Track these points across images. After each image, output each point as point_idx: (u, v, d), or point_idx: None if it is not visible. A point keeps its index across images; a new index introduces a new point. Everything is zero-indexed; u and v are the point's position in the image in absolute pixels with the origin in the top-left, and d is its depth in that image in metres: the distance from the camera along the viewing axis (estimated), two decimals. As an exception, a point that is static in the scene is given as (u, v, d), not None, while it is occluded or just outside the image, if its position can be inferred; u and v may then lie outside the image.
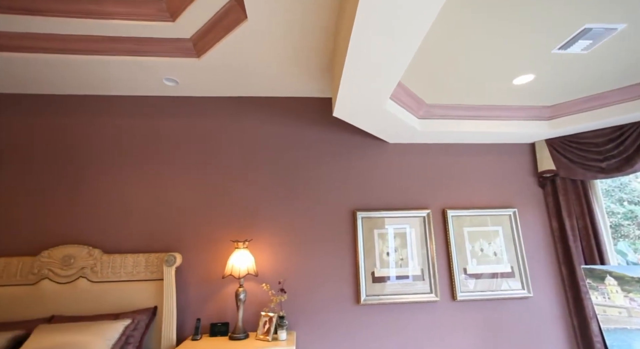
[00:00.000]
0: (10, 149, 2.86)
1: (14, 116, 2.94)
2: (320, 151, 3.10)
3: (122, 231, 2.75)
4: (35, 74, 2.70)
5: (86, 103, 3.03)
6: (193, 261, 2.74)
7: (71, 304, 2.45)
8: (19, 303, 2.44)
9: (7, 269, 2.49)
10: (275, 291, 2.68)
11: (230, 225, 2.85)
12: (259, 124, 3.11)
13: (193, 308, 2.64)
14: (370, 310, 2.77)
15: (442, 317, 2.80)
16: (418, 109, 2.81)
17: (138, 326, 2.32)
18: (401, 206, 3.02)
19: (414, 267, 2.87)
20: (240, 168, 2.99)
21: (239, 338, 2.36)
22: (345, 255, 2.86)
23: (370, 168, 3.10)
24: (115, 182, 2.86)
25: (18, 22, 2.23)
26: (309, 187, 3.00)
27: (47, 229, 2.71)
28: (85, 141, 2.94)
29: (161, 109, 3.07)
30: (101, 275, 2.53)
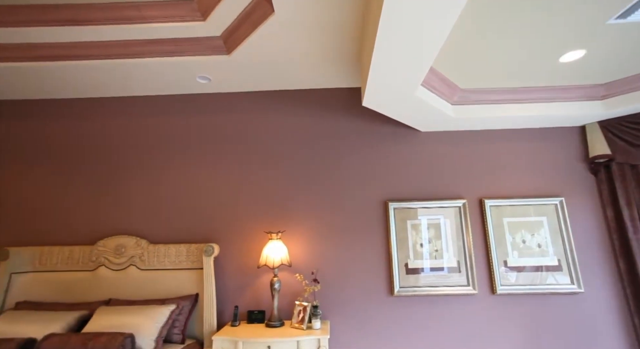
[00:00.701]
0: (67, 149, 3.15)
1: (67, 119, 3.23)
2: (350, 141, 3.07)
3: (165, 223, 2.94)
4: (83, 79, 2.93)
5: (130, 104, 3.24)
6: (230, 252, 2.87)
7: (124, 289, 2.68)
8: (81, 286, 2.71)
9: (71, 257, 2.78)
10: (309, 281, 2.73)
11: (264, 217, 2.93)
12: (289, 117, 3.15)
13: (231, 295, 2.78)
14: (404, 302, 2.73)
15: (481, 310, 2.69)
16: (451, 95, 2.68)
17: (182, 311, 2.49)
18: (435, 196, 2.92)
19: (449, 259, 2.78)
20: (272, 161, 3.05)
21: (275, 326, 2.44)
22: (377, 246, 2.84)
23: (402, 158, 3.02)
24: (158, 178, 3.05)
25: (68, 32, 2.43)
26: (340, 179, 2.99)
27: (101, 221, 2.97)
28: (131, 140, 3.16)
29: (196, 106, 3.21)
30: (148, 263, 2.73)
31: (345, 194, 2.96)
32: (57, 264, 2.76)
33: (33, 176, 3.10)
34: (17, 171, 3.12)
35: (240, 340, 2.23)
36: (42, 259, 2.77)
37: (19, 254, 2.77)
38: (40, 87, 3.05)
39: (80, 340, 2.03)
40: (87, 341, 2.02)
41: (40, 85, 3.03)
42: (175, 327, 2.43)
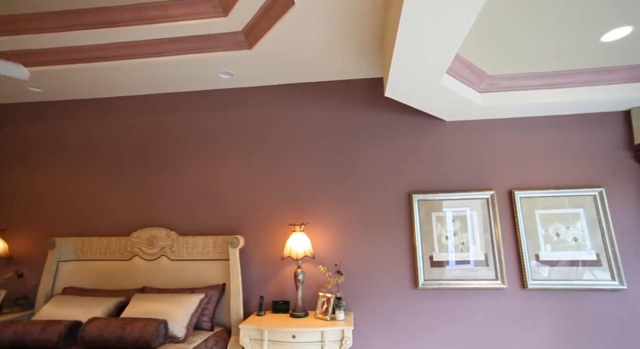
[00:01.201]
0: (104, 148, 3.33)
1: (104, 117, 3.41)
2: (373, 133, 3.03)
3: (193, 215, 3.06)
4: (115, 79, 3.07)
5: (158, 101, 3.37)
6: (255, 243, 2.94)
7: (156, 278, 2.83)
8: (118, 275, 2.89)
9: (109, 247, 2.96)
10: (332, 273, 2.75)
11: (287, 209, 2.97)
12: (311, 110, 3.15)
13: (256, 286, 2.86)
14: (429, 295, 2.69)
15: (510, 305, 2.60)
16: (479, 83, 2.56)
17: (210, 300, 2.60)
18: (460, 188, 2.83)
19: (476, 252, 2.69)
20: (295, 154, 3.07)
21: (299, 316, 2.49)
22: (401, 238, 2.80)
23: (426, 148, 2.94)
24: (186, 173, 3.16)
25: (100, 35, 2.54)
26: (363, 171, 2.97)
27: (135, 213, 3.13)
28: (160, 137, 3.29)
29: (220, 101, 3.28)
30: (178, 254, 2.86)
31: (368, 186, 2.93)
32: (96, 253, 2.96)
33: (76, 174, 3.32)
34: (62, 169, 3.34)
35: (266, 329, 2.29)
36: (83, 248, 2.98)
37: (64, 244, 2.99)
38: (79, 88, 3.23)
39: (119, 324, 2.17)
40: (125, 325, 2.16)
41: (79, 87, 3.20)
42: (205, 315, 2.54)
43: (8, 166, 3.42)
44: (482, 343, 2.57)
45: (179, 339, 2.25)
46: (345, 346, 2.25)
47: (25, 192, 3.33)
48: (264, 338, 2.29)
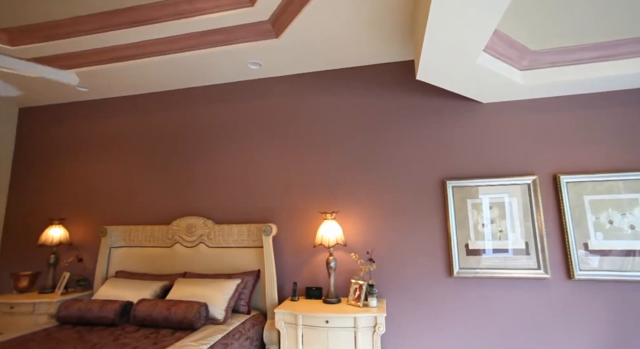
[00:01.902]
0: (146, 143, 3.53)
1: (145, 113, 3.59)
2: (404, 118, 2.94)
3: (228, 204, 3.18)
4: (150, 75, 3.20)
5: (191, 95, 3.49)
6: (287, 231, 3.00)
7: (196, 263, 3.00)
8: (162, 260, 3.09)
9: (152, 235, 3.17)
10: (364, 260, 2.76)
11: (318, 197, 2.99)
12: (341, 97, 3.11)
13: (289, 272, 2.94)
14: (465, 283, 2.62)
15: (554, 296, 2.47)
16: (520, 59, 2.38)
17: (246, 285, 2.71)
18: (498, 174, 2.68)
19: (515, 240, 2.56)
20: (325, 142, 3.07)
21: (332, 302, 2.54)
22: (435, 226, 2.73)
23: (461, 133, 2.81)
24: (221, 163, 3.28)
25: (135, 34, 2.65)
26: (394, 158, 2.90)
27: (175, 203, 3.31)
28: (195, 130, 3.42)
29: (250, 92, 3.33)
30: (215, 241, 3.00)
31: (400, 173, 2.87)
32: (142, 240, 3.18)
33: (122, 167, 3.55)
34: (110, 163, 3.60)
35: (300, 314, 2.36)
36: (131, 236, 3.21)
37: (114, 232, 3.24)
38: (119, 85, 3.42)
39: (165, 306, 2.34)
40: (170, 306, 2.32)
41: (119, 84, 3.39)
42: (242, 299, 2.66)
43: (64, 162, 3.74)
44: (523, 333, 2.47)
45: (219, 321, 2.39)
46: (378, 332, 2.27)
47: (79, 185, 3.63)
48: (298, 322, 2.36)
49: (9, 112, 3.91)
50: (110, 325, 2.38)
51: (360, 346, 2.26)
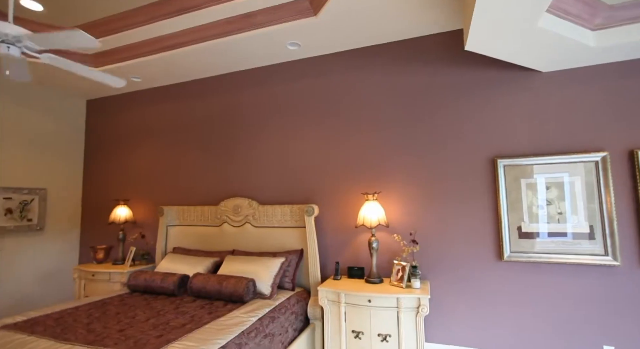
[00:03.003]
0: (195, 127, 3.73)
1: (192, 99, 3.78)
2: (451, 93, 2.75)
3: (272, 185, 3.28)
4: (194, 63, 3.33)
5: (234, 79, 3.58)
6: (329, 212, 3.04)
7: (243, 242, 3.17)
8: (212, 238, 3.32)
9: (203, 214, 3.40)
10: (407, 241, 2.71)
11: (360, 178, 2.97)
12: (382, 74, 2.99)
13: (332, 252, 2.99)
14: (516, 268, 2.47)
15: (624, 285, 2.23)
16: (592, 17, 2.07)
17: (290, 263, 2.82)
18: (558, 150, 2.43)
19: (577, 223, 2.34)
20: (367, 121, 3.00)
21: (374, 282, 2.55)
22: (483, 207, 2.59)
23: (515, 106, 2.57)
24: (264, 146, 3.37)
25: (178, 22, 2.74)
26: (440, 135, 2.76)
27: (222, 185, 3.50)
28: (239, 114, 3.53)
29: (290, 73, 3.33)
30: (259, 221, 3.13)
31: (446, 152, 2.73)
32: (194, 220, 3.43)
33: (175, 152, 3.81)
34: (164, 148, 3.88)
35: (342, 292, 2.41)
36: (184, 215, 3.48)
37: (170, 212, 3.53)
38: (168, 74, 3.61)
39: (217, 280, 2.52)
40: (221, 281, 2.50)
41: (168, 73, 3.58)
42: (286, 276, 2.78)
43: (126, 148, 4.10)
44: (584, 324, 2.30)
45: (266, 296, 2.53)
46: (421, 313, 2.25)
47: (139, 169, 3.98)
48: (341, 300, 2.42)
49: (78, 104, 4.34)
50: (171, 295, 2.63)
51: (403, 326, 2.27)
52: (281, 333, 2.25)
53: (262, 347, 1.99)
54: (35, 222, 3.77)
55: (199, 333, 1.82)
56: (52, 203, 3.97)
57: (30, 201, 3.74)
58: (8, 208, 3.55)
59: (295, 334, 2.49)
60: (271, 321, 2.19)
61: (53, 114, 4.03)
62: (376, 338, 2.32)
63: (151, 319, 2.07)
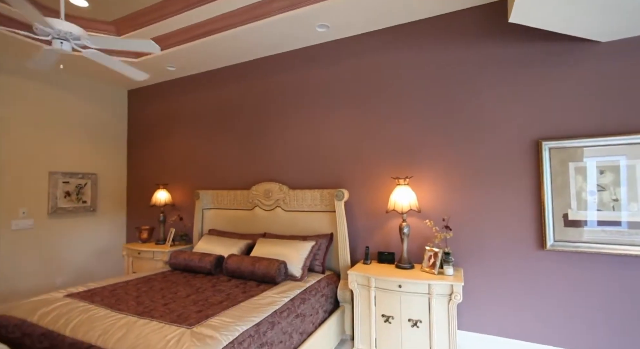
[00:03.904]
0: (230, 115, 3.82)
1: (224, 86, 3.86)
2: (491, 71, 2.56)
3: (301, 170, 3.31)
4: (224, 50, 3.36)
5: (263, 65, 3.58)
6: (359, 196, 3.01)
7: (274, 225, 3.25)
8: (244, 221, 3.44)
9: (235, 198, 3.52)
10: (440, 227, 2.63)
11: (391, 162, 2.90)
12: (415, 53, 2.84)
13: (362, 236, 2.98)
14: (560, 258, 2.32)
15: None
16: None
17: (320, 247, 2.86)
18: (614, 130, 2.19)
19: (637, 211, 2.12)
20: (397, 103, 2.90)
21: (405, 268, 2.52)
22: (524, 193, 2.43)
23: (566, 82, 2.34)
24: (294, 131, 3.38)
25: (208, 9, 2.76)
26: (478, 117, 2.60)
27: (254, 170, 3.58)
28: (268, 99, 3.55)
29: (319, 57, 3.27)
30: (290, 206, 3.19)
31: (483, 134, 2.57)
32: (227, 203, 3.56)
33: (209, 137, 3.95)
34: (199, 134, 4.03)
35: (372, 277, 2.41)
36: (218, 199, 3.62)
37: (205, 195, 3.69)
38: (199, 62, 3.69)
39: (250, 261, 2.63)
40: (254, 262, 2.60)
41: (199, 61, 3.66)
42: (316, 259, 2.83)
43: (164, 134, 4.31)
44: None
45: (297, 278, 2.60)
46: (454, 300, 2.20)
47: (176, 155, 4.18)
48: (371, 284, 2.42)
49: (121, 94, 4.59)
50: (208, 274, 2.79)
51: (434, 313, 2.23)
52: (312, 314, 2.31)
53: (294, 326, 2.06)
54: (89, 204, 4.12)
55: (235, 310, 1.92)
56: (102, 187, 4.30)
57: (84, 184, 4.08)
58: (67, 191, 3.91)
59: (326, 315, 2.55)
60: (302, 302, 2.25)
61: (99, 104, 4.30)
62: (406, 323, 2.31)
63: (191, 295, 2.21)
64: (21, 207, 3.53)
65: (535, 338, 2.37)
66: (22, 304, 2.04)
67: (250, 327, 1.75)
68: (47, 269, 3.72)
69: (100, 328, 1.68)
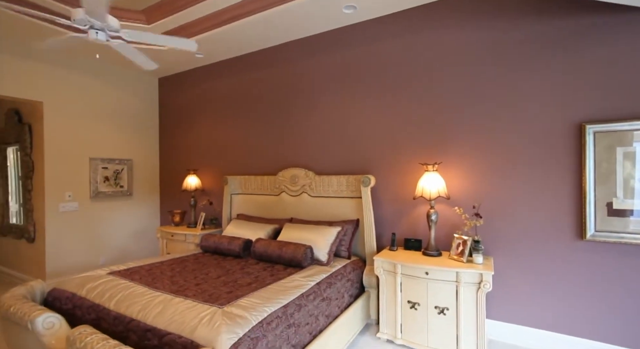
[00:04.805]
0: (253, 99, 3.85)
1: (249, 72, 3.88)
2: (529, 48, 2.39)
3: (326, 156, 3.30)
4: (250, 35, 3.35)
5: (288, 49, 3.55)
6: (385, 182, 2.97)
7: (300, 210, 3.29)
8: (271, 206, 3.51)
9: (262, 184, 3.58)
10: (469, 215, 2.55)
11: (419, 148, 2.82)
12: (446, 32, 2.70)
13: (388, 223, 2.96)
14: (602, 249, 2.19)
15: None
16: None
17: (346, 232, 2.87)
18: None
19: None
20: (428, 87, 2.79)
21: (432, 255, 2.48)
22: (563, 180, 2.29)
23: (614, 59, 2.13)
24: (319, 117, 3.36)
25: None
26: (512, 99, 2.45)
27: (280, 155, 3.62)
28: (293, 84, 3.53)
29: (346, 40, 3.19)
30: (316, 191, 3.20)
31: (519, 117, 2.43)
32: (255, 189, 3.64)
33: (235, 124, 4.01)
34: (225, 121, 4.10)
35: (399, 263, 2.40)
36: (246, 184, 3.70)
37: (233, 181, 3.79)
38: (226, 48, 3.72)
39: (277, 245, 2.69)
40: (281, 246, 2.66)
41: (225, 47, 3.69)
42: (342, 245, 2.85)
43: (193, 121, 4.43)
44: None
45: (323, 263, 2.63)
46: (483, 289, 2.15)
47: (205, 141, 4.29)
48: (397, 271, 2.41)
49: (152, 82, 4.74)
50: (237, 257, 2.89)
51: (462, 301, 2.20)
52: (337, 298, 2.35)
53: (320, 309, 2.10)
54: (125, 188, 4.36)
55: (263, 291, 1.99)
56: (137, 172, 4.53)
57: (121, 170, 4.31)
58: (106, 176, 4.15)
59: (351, 300, 2.58)
60: (328, 286, 2.29)
61: (132, 92, 4.47)
62: (433, 310, 2.29)
63: (221, 276, 2.31)
64: (67, 191, 3.79)
65: (568, 330, 2.28)
66: (72, 279, 2.23)
67: (278, 308, 1.81)
68: (91, 248, 4.02)
69: (139, 304, 1.80)
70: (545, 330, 2.36)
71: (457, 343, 2.21)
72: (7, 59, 3.32)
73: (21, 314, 1.73)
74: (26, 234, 3.84)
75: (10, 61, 3.35)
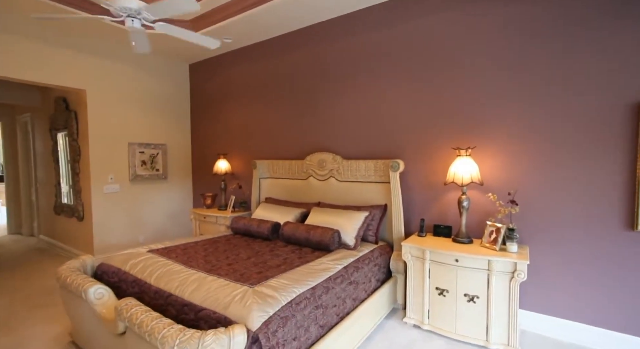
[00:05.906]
0: (282, 84, 3.85)
1: (277, 56, 3.85)
2: (580, 22, 2.17)
3: (355, 140, 3.25)
4: (276, 18, 3.30)
5: (314, 33, 3.48)
6: (415, 167, 2.90)
7: (328, 195, 3.31)
8: (299, 191, 3.55)
9: (290, 168, 3.62)
10: (504, 202, 2.43)
11: (451, 132, 2.71)
12: (486, 8, 2.51)
13: (417, 208, 2.90)
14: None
15: None
16: None
17: (374, 218, 2.85)
18: None
19: None
20: (460, 67, 2.63)
21: (463, 242, 2.41)
22: (613, 166, 2.11)
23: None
24: (348, 100, 3.30)
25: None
26: (556, 78, 2.26)
27: (308, 140, 3.62)
28: (322, 68, 3.47)
29: (374, 20, 3.07)
30: (343, 176, 3.19)
31: (563, 97, 2.25)
32: (282, 173, 3.68)
33: (264, 108, 4.05)
34: (255, 105, 4.15)
35: (427, 249, 2.36)
36: (274, 169, 3.76)
37: (262, 165, 3.85)
38: (254, 32, 3.70)
39: (305, 229, 2.73)
40: (309, 230, 2.69)
41: (253, 31, 3.67)
42: (370, 230, 2.84)
43: (223, 106, 4.52)
44: None
45: (350, 247, 2.65)
46: (517, 279, 2.07)
47: (235, 125, 4.38)
48: (425, 257, 2.38)
49: (182, 69, 4.86)
50: (266, 239, 2.98)
51: (493, 290, 2.14)
52: (364, 282, 2.37)
53: (347, 292, 2.13)
54: (161, 172, 4.58)
55: (292, 273, 2.04)
56: (171, 156, 4.73)
57: (156, 154, 4.52)
58: (143, 160, 4.38)
59: (378, 284, 2.59)
60: (355, 270, 2.30)
61: (164, 78, 4.61)
62: (462, 298, 2.25)
63: (252, 257, 2.39)
64: (109, 174, 4.05)
65: (610, 325, 2.16)
66: (116, 256, 2.41)
67: (307, 290, 1.85)
68: (132, 227, 4.30)
69: (177, 280, 1.91)
70: (583, 323, 2.25)
71: (487, 331, 2.17)
72: (53, 51, 3.52)
73: (76, 284, 1.91)
74: (76, 213, 4.18)
75: (57, 52, 3.55)
